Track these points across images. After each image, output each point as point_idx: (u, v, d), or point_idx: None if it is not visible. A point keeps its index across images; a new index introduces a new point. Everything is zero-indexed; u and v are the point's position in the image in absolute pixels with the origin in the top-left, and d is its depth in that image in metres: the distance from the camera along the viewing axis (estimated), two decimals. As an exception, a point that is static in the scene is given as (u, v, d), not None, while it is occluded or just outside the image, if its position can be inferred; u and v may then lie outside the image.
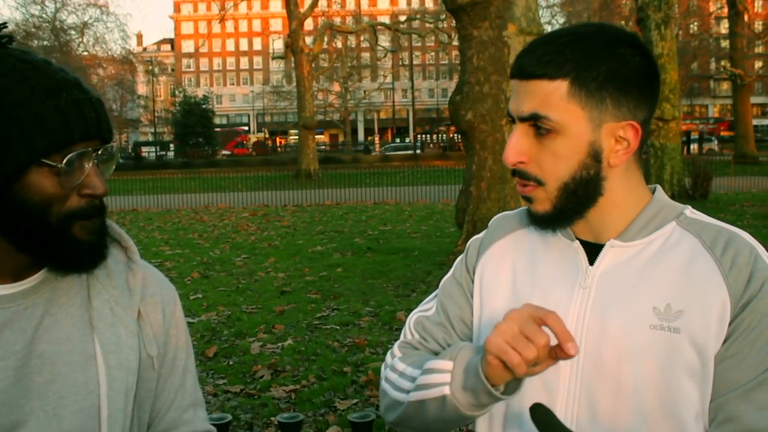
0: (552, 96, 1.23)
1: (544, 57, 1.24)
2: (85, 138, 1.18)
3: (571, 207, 1.27)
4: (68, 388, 1.26)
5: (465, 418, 1.28)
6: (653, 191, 1.34)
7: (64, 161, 1.16)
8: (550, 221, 1.30)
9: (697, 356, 1.20)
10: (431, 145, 59.43)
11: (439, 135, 62.80)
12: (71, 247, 1.21)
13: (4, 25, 1.23)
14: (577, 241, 1.33)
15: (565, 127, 1.23)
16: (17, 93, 1.15)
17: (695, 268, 1.24)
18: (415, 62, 74.63)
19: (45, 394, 1.24)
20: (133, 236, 14.39)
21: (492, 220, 1.52)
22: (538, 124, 1.24)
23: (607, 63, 1.22)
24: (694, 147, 42.62)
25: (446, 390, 1.25)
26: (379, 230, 14.83)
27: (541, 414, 1.11)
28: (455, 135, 54.46)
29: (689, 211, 1.31)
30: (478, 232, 1.40)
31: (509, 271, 1.40)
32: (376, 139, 76.83)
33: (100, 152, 1.22)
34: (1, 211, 1.18)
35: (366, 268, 10.34)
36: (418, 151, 51.50)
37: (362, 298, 8.42)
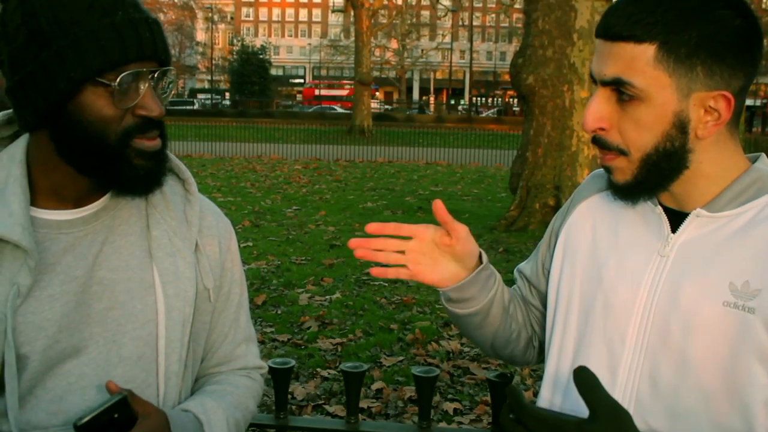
0: (637, 60, 1.14)
1: (632, 17, 1.14)
2: (141, 58, 1.18)
3: (653, 179, 1.21)
4: (127, 315, 1.27)
5: (461, 319, 1.45)
6: (755, 160, 1.26)
7: (118, 80, 1.15)
8: (630, 192, 1.24)
9: None
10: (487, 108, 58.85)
11: (495, 99, 62.06)
12: (128, 170, 1.21)
13: None
14: (660, 208, 1.27)
15: (650, 94, 1.15)
16: (73, 10, 1.14)
17: None
18: (475, 23, 73.63)
19: (104, 321, 1.26)
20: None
21: (585, 178, 1.48)
22: (620, 90, 1.17)
23: (701, 26, 1.12)
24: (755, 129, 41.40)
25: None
26: (430, 190, 14.76)
27: (583, 377, 1.06)
28: (510, 99, 53.73)
29: None
30: (532, 199, 1.38)
31: (590, 232, 1.36)
32: (431, 99, 76.27)
33: (156, 74, 1.21)
34: (58, 130, 1.19)
35: (416, 228, 10.30)
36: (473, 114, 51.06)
37: (411, 257, 8.40)
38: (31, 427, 1.21)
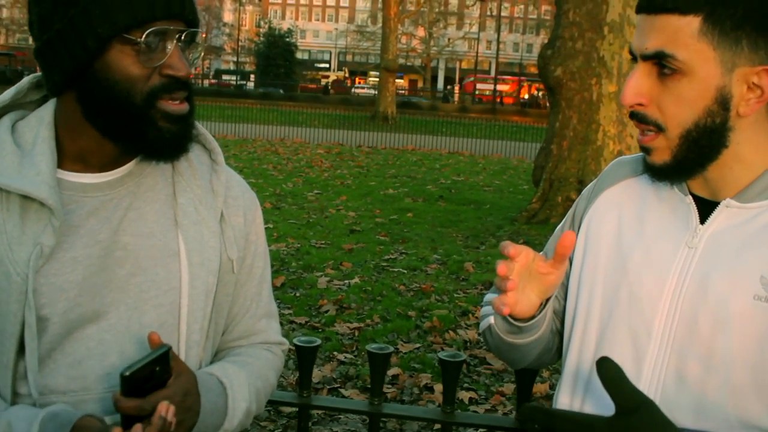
0: (681, 32, 1.12)
1: None
2: (168, 16, 1.18)
3: (692, 158, 1.18)
4: (149, 282, 1.27)
5: (515, 347, 1.35)
6: None
7: (144, 36, 1.16)
8: (668, 173, 1.22)
9: None
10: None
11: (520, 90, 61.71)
12: (154, 132, 1.21)
13: None
14: (691, 197, 1.25)
15: (693, 68, 1.13)
16: None
17: None
18: (502, 14, 73.15)
19: (126, 287, 1.26)
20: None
21: (609, 165, 1.45)
22: (663, 63, 1.14)
23: None
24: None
25: (491, 319, 1.35)
26: (452, 180, 14.73)
27: (607, 369, 1.05)
28: (537, 91, 53.37)
29: None
30: (555, 192, 1.34)
31: (615, 220, 1.33)
32: (456, 88, 75.97)
33: (184, 35, 1.21)
34: (86, 92, 1.20)
35: (436, 216, 10.30)
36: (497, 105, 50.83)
37: (431, 245, 8.40)
38: (49, 390, 1.21)
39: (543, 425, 1.06)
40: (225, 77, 62.74)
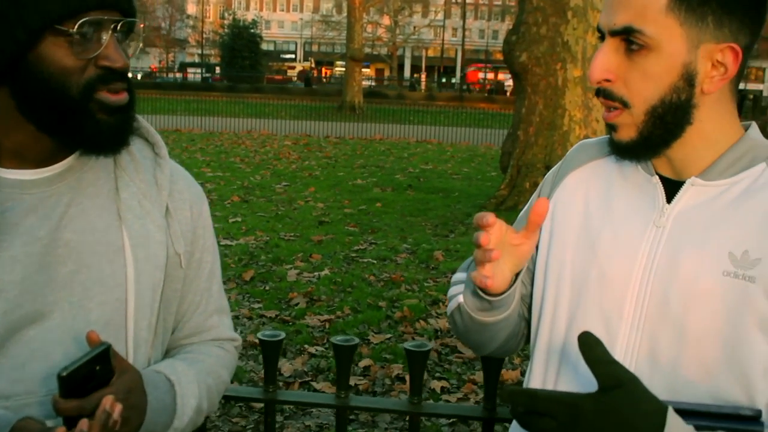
0: (649, 8, 1.14)
1: None
2: (101, 6, 1.15)
3: (657, 134, 1.19)
4: (94, 279, 1.24)
5: (484, 326, 1.32)
6: (747, 128, 1.25)
7: (77, 26, 1.13)
8: (634, 150, 1.23)
9: None
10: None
11: (485, 76, 61.76)
12: (92, 125, 1.18)
13: None
14: (657, 176, 1.26)
15: (660, 43, 1.14)
16: None
17: None
18: (468, 0, 73.21)
19: (70, 285, 1.22)
20: (176, 156, 14.48)
21: (572, 148, 1.45)
22: (630, 38, 1.16)
23: None
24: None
25: (460, 298, 1.32)
26: (420, 168, 14.73)
27: (590, 345, 1.05)
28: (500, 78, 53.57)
29: None
30: (522, 178, 1.33)
31: (582, 202, 1.33)
32: (423, 76, 75.94)
33: (120, 26, 1.18)
34: (19, 86, 1.16)
35: (405, 205, 10.30)
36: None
37: (400, 234, 8.40)
38: None
39: (526, 407, 1.05)
40: (190, 70, 62.12)
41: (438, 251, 7.44)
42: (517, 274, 1.28)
